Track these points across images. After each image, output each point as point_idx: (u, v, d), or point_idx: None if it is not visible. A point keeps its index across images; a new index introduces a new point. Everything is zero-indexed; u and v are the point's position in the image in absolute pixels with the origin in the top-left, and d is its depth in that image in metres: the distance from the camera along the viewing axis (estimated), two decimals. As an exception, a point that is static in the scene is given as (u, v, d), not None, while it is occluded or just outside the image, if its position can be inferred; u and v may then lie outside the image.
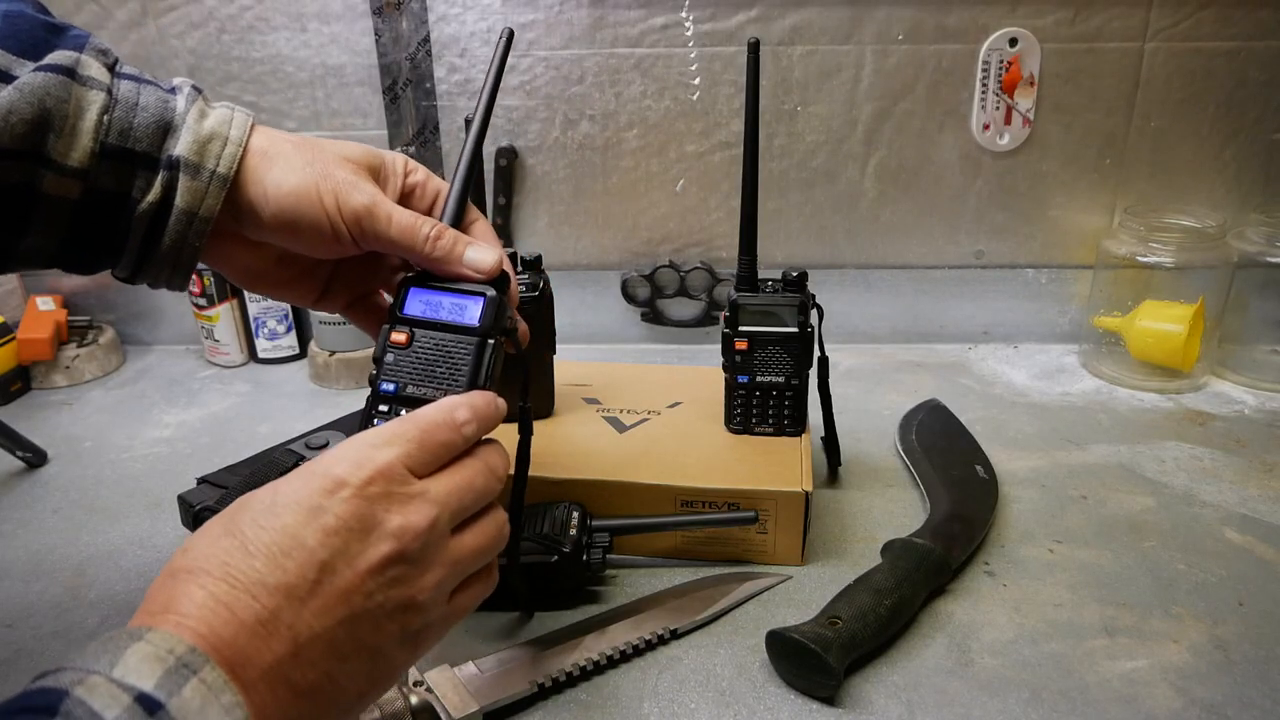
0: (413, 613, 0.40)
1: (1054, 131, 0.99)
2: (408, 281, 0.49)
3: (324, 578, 0.37)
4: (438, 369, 0.46)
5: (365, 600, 0.38)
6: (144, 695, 0.30)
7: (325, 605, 0.36)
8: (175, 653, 0.32)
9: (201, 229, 0.47)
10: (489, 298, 0.47)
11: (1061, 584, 0.64)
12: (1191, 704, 0.53)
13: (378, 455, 0.39)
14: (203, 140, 0.46)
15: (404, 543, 0.39)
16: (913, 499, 0.75)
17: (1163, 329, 0.93)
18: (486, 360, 0.46)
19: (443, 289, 0.48)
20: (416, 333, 0.47)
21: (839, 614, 0.55)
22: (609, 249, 1.06)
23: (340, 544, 0.37)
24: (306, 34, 0.98)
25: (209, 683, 0.32)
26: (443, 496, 0.41)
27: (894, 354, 1.05)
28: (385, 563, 0.38)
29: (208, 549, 0.36)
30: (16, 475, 0.82)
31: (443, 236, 0.48)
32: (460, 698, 0.50)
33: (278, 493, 0.38)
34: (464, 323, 0.47)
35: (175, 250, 0.47)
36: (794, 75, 0.98)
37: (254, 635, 0.35)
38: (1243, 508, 0.73)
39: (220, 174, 0.46)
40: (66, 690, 0.30)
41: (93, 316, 1.06)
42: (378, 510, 0.38)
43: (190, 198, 0.46)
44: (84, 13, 0.97)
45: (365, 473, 0.39)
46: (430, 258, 0.48)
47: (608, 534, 0.62)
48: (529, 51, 0.98)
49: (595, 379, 0.82)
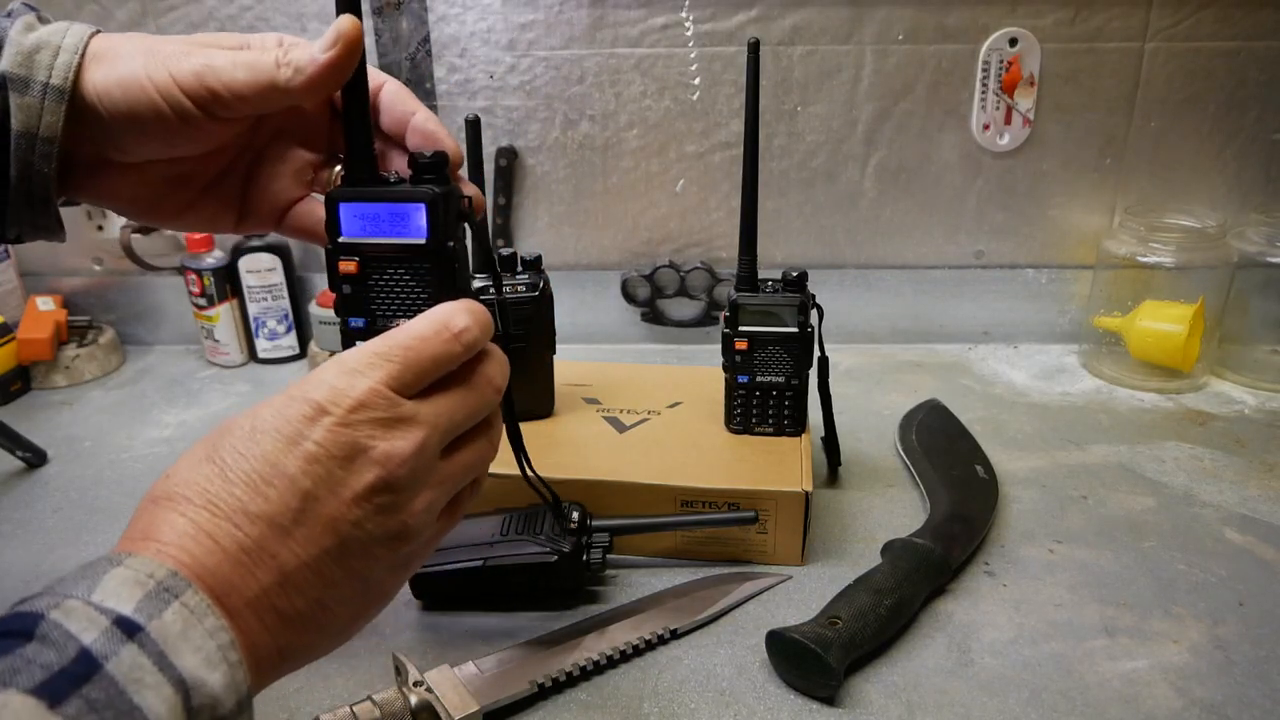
0: (403, 539, 0.38)
1: (1054, 131, 0.99)
2: (334, 198, 0.43)
3: (308, 506, 0.35)
4: (400, 293, 0.42)
5: (353, 529, 0.36)
6: (123, 618, 0.30)
7: (311, 534, 0.35)
8: (155, 577, 0.31)
9: (46, 151, 0.42)
10: (429, 200, 0.42)
11: (1061, 584, 0.64)
12: (1191, 704, 0.53)
13: (360, 380, 0.37)
14: (28, 51, 0.41)
15: (390, 469, 0.37)
16: (913, 499, 0.75)
17: (1163, 329, 0.93)
18: (447, 272, 0.42)
19: (376, 198, 0.42)
20: (365, 258, 0.42)
21: (839, 614, 0.55)
22: (609, 249, 1.06)
23: (323, 472, 0.36)
24: (307, 34, 0.97)
25: (191, 607, 0.31)
26: (432, 418, 0.39)
27: (894, 354, 1.05)
28: (371, 490, 0.37)
29: (188, 475, 0.35)
30: (16, 475, 0.82)
31: (290, 49, 0.41)
32: (460, 698, 0.50)
33: (258, 418, 0.36)
34: (412, 238, 0.42)
35: (25, 183, 0.42)
36: (794, 75, 0.98)
37: (238, 564, 0.34)
38: (1243, 508, 0.73)
39: (54, 86, 0.41)
40: (42, 614, 0.29)
41: (93, 316, 1.07)
42: (361, 437, 0.36)
43: (24, 117, 0.41)
44: (84, 13, 0.97)
45: (347, 399, 0.37)
46: (290, 81, 0.41)
47: (608, 534, 0.62)
48: (529, 51, 0.98)
49: (595, 379, 0.82)
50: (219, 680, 0.31)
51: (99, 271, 1.08)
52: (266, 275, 1.02)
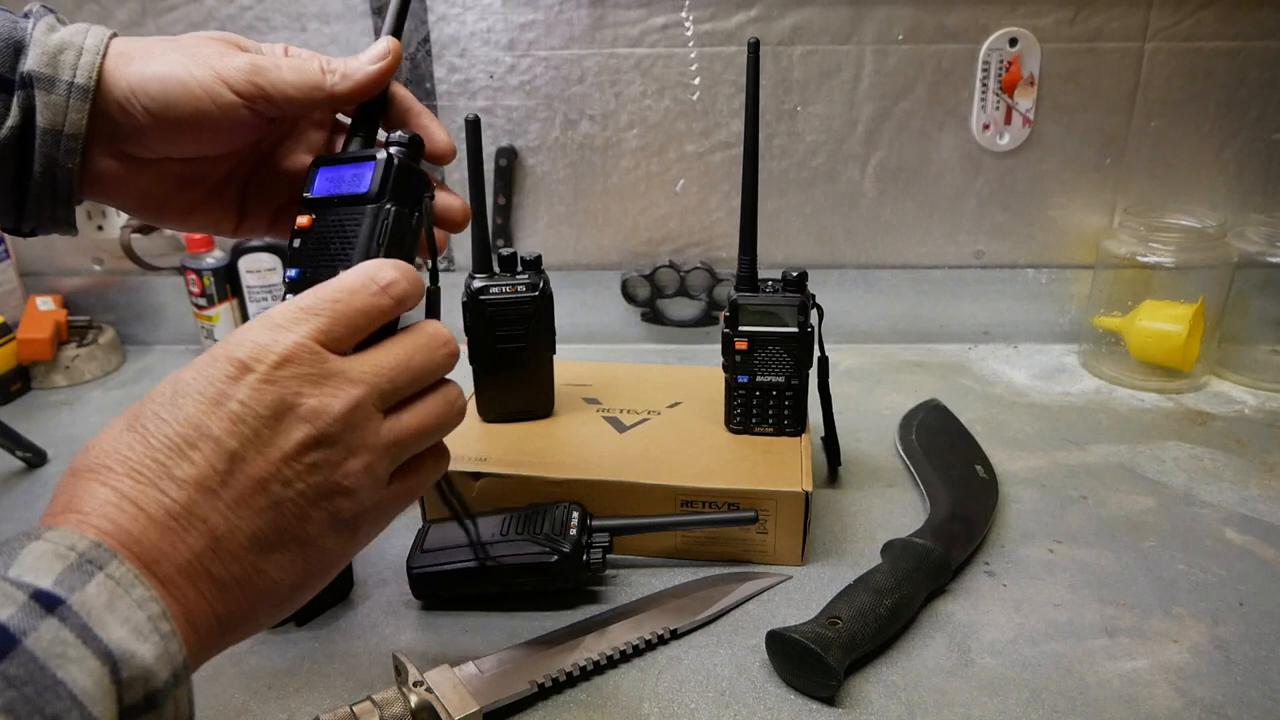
0: (340, 498, 0.37)
1: (1054, 131, 0.99)
2: (317, 161, 0.45)
3: (235, 467, 0.35)
4: (332, 246, 0.43)
5: (284, 488, 0.36)
6: (41, 592, 0.29)
7: (240, 496, 0.35)
8: (77, 549, 0.31)
9: (71, 148, 0.43)
10: (378, 160, 0.43)
11: (1061, 584, 0.64)
12: (1191, 704, 0.53)
13: (285, 336, 0.36)
14: (53, 51, 0.43)
15: (319, 426, 0.36)
16: (913, 499, 0.75)
17: (1163, 329, 0.93)
18: (377, 229, 0.42)
19: (343, 161, 0.44)
20: (319, 214, 0.44)
21: (839, 614, 0.55)
22: (609, 249, 1.06)
23: (249, 432, 0.35)
24: (306, 34, 0.98)
25: (117, 578, 0.30)
26: (369, 375, 0.38)
27: (894, 354, 1.05)
28: (300, 448, 0.36)
29: (109, 445, 0.35)
30: (16, 475, 0.82)
31: (333, 60, 0.45)
32: (460, 698, 0.50)
33: (179, 382, 0.36)
34: (357, 191, 0.43)
35: (48, 178, 0.44)
36: (794, 75, 0.98)
37: (165, 530, 0.33)
38: (1243, 508, 0.73)
39: (79, 85, 0.43)
40: None
41: (93, 316, 1.07)
42: (287, 393, 0.36)
43: (51, 114, 0.43)
44: (84, 12, 0.97)
45: (272, 355, 0.36)
46: (335, 85, 0.44)
47: (608, 534, 0.62)
48: (529, 51, 0.98)
49: (595, 379, 0.82)
50: (150, 651, 0.30)
51: (99, 271, 1.08)
52: (266, 275, 1.02)
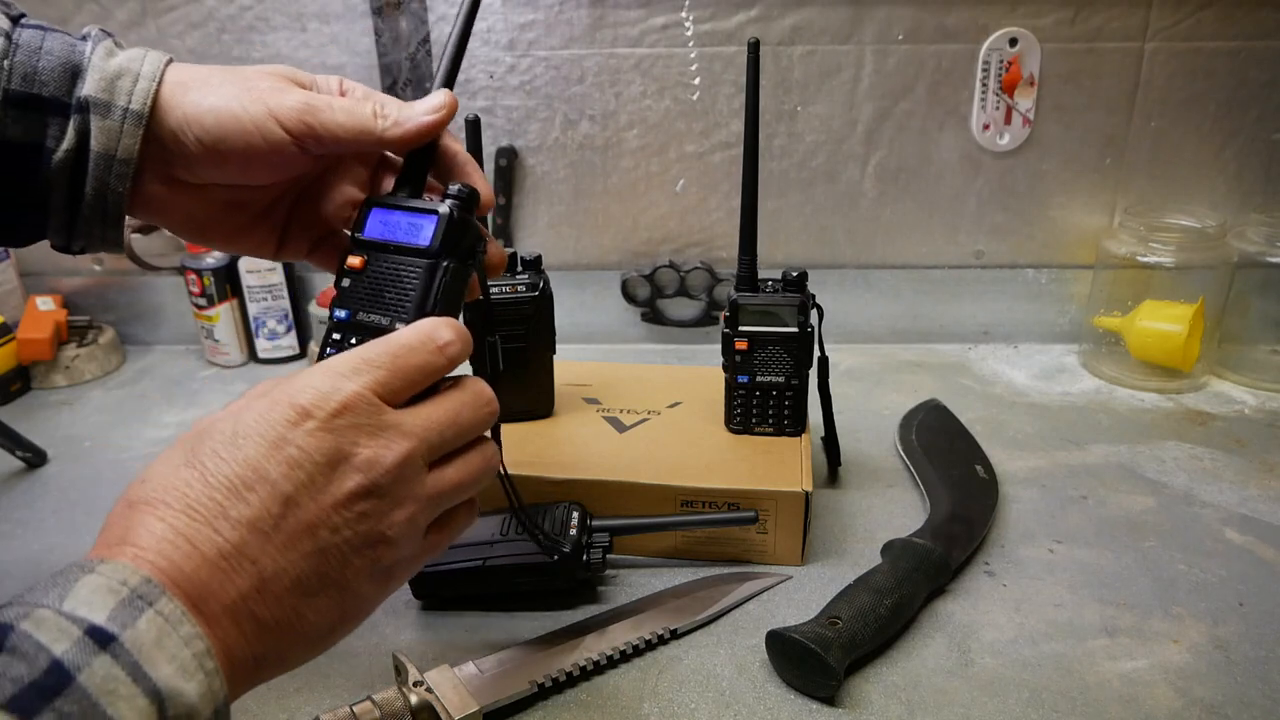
0: (383, 547, 0.38)
1: (1054, 131, 0.99)
2: (369, 202, 0.46)
3: (288, 511, 0.35)
4: (387, 294, 0.43)
5: (332, 535, 0.36)
6: (95, 628, 0.29)
7: (290, 539, 0.35)
8: (129, 584, 0.31)
9: (123, 172, 0.44)
10: (441, 215, 0.44)
11: (1061, 584, 0.64)
12: (1191, 704, 0.53)
13: (345, 384, 0.37)
14: (110, 77, 0.43)
15: (372, 477, 0.37)
16: (913, 499, 0.75)
17: (1163, 329, 0.93)
18: (436, 285, 0.43)
19: (401, 208, 0.45)
20: (372, 256, 0.44)
21: (839, 614, 0.55)
22: (609, 249, 1.06)
23: (304, 477, 0.36)
24: (306, 34, 0.98)
25: (166, 614, 0.31)
26: (419, 430, 0.39)
27: (894, 354, 1.05)
28: (352, 497, 0.36)
29: (167, 479, 0.35)
30: (16, 475, 0.82)
31: (388, 104, 0.45)
32: (460, 698, 0.50)
33: (239, 422, 0.36)
34: (416, 243, 0.44)
35: (99, 200, 0.45)
36: (794, 75, 0.98)
37: (216, 569, 0.33)
38: (1243, 508, 0.73)
39: (134, 111, 0.43)
40: (11, 624, 0.29)
41: (93, 316, 1.07)
42: (344, 443, 0.36)
43: (105, 139, 0.43)
44: (84, 13, 0.97)
45: (332, 404, 0.37)
46: (386, 130, 0.45)
47: (608, 534, 0.62)
48: (529, 51, 0.98)
49: (595, 379, 0.82)
50: (195, 690, 0.31)
51: (99, 271, 1.08)
52: (266, 275, 1.02)
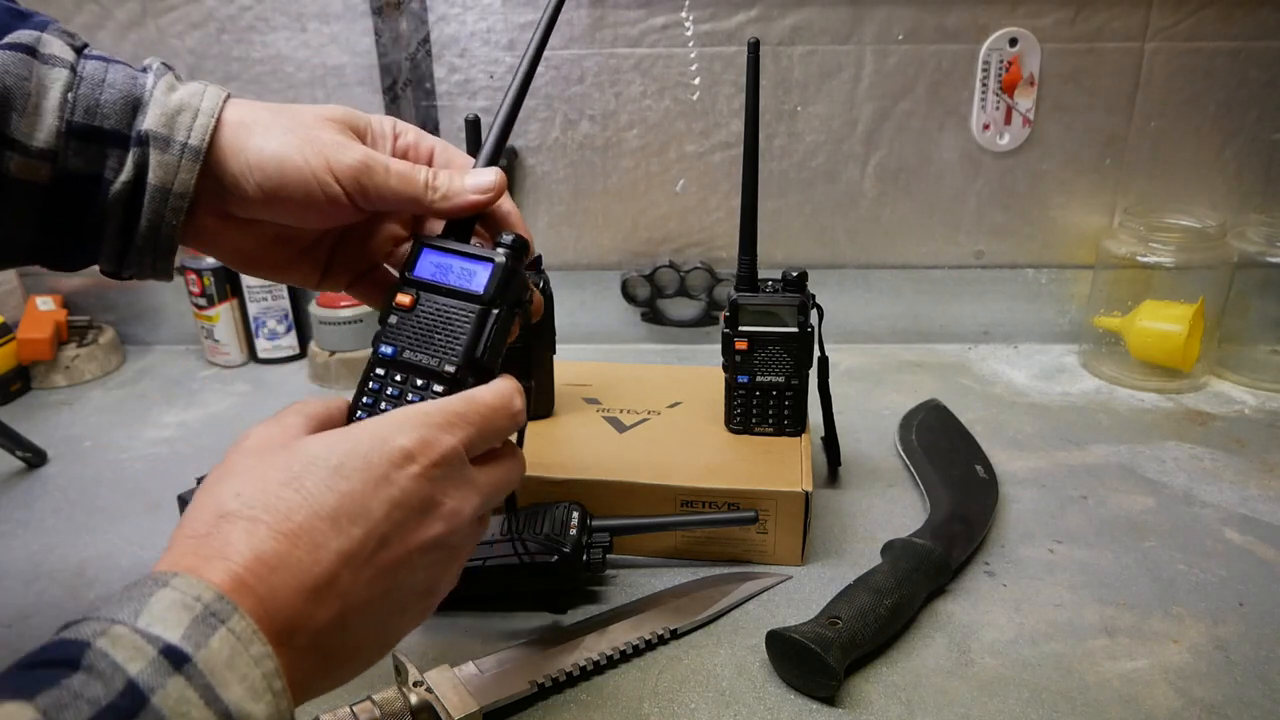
0: (435, 593, 0.41)
1: (1054, 131, 0.99)
2: (421, 241, 0.47)
3: (380, 549, 0.37)
4: (437, 336, 0.44)
5: (409, 575, 0.38)
6: (170, 647, 0.29)
7: (375, 575, 0.37)
8: (203, 600, 0.31)
9: (178, 205, 0.45)
10: (497, 264, 0.45)
11: (1061, 584, 0.64)
12: (1191, 704, 0.53)
13: (445, 437, 0.39)
14: (171, 112, 0.44)
15: (452, 526, 0.39)
16: (913, 499, 0.75)
17: (1163, 329, 0.93)
18: (487, 331, 0.44)
19: (455, 252, 0.46)
20: (422, 296, 0.45)
21: (839, 614, 0.55)
22: (609, 249, 1.06)
23: (401, 518, 0.37)
24: (306, 34, 0.98)
25: (238, 633, 0.31)
26: (486, 489, 0.42)
27: (894, 354, 1.05)
28: (432, 543, 0.39)
29: (266, 497, 0.35)
30: (16, 475, 0.82)
31: (439, 175, 0.46)
32: (460, 698, 0.50)
33: (343, 453, 0.37)
34: (469, 289, 0.45)
35: (153, 232, 0.45)
36: (794, 75, 0.98)
37: (307, 599, 0.34)
38: (1243, 508, 0.73)
39: (192, 146, 0.44)
40: (89, 642, 0.29)
41: (93, 316, 1.07)
42: (437, 491, 0.39)
43: (162, 173, 0.44)
44: (84, 13, 0.97)
45: (433, 454, 0.39)
46: (434, 201, 0.46)
47: (608, 534, 0.62)
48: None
49: (595, 379, 0.82)
50: (263, 711, 0.31)
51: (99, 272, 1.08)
52: (266, 275, 1.01)
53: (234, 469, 0.37)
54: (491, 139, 0.49)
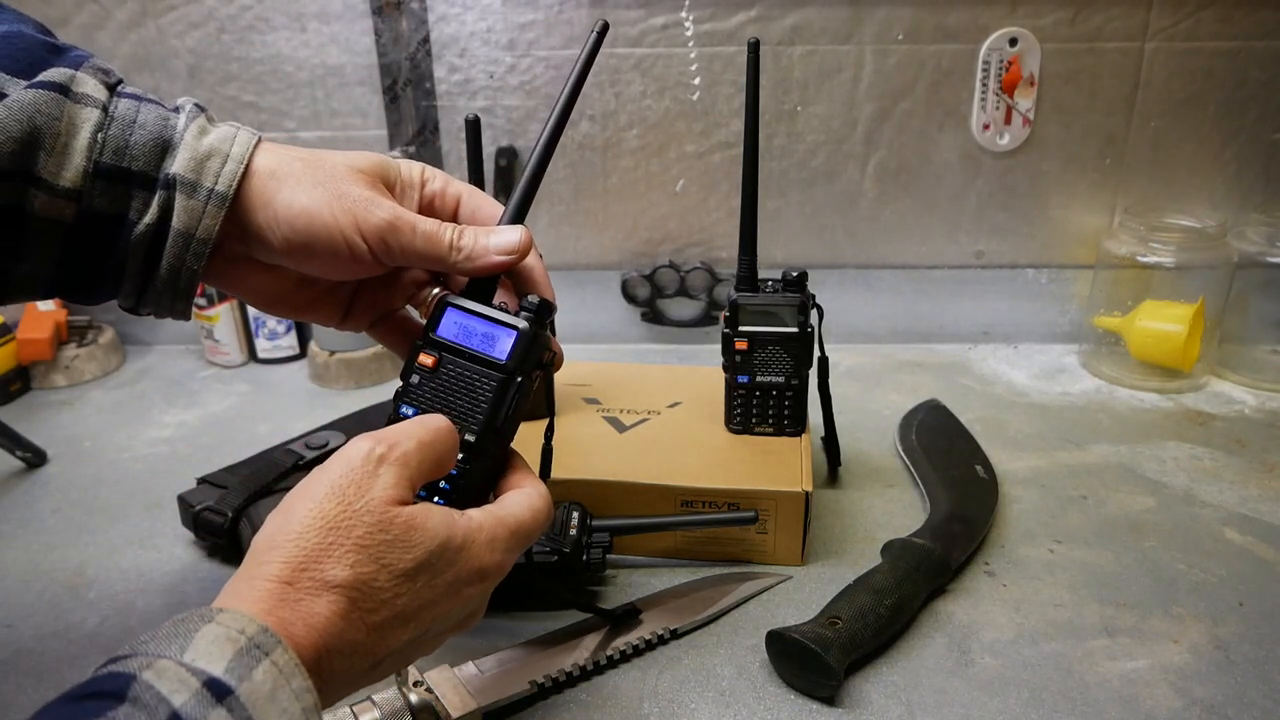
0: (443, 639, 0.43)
1: (1054, 131, 0.99)
2: (445, 302, 0.46)
3: (420, 640, 0.40)
4: (457, 400, 0.45)
5: (430, 626, 0.40)
6: (213, 680, 0.30)
7: (405, 658, 0.40)
8: (247, 633, 0.32)
9: (200, 251, 0.44)
10: (521, 331, 0.45)
11: (1061, 584, 0.64)
12: (1191, 704, 0.53)
13: (509, 560, 0.43)
14: (200, 157, 0.44)
15: (473, 594, 0.42)
16: (913, 499, 0.75)
17: (1163, 329, 0.93)
18: (508, 401, 0.45)
19: (479, 315, 0.46)
20: (444, 357, 0.45)
21: (839, 614, 0.55)
22: (609, 249, 1.06)
23: (450, 619, 0.41)
24: (306, 34, 0.98)
25: (280, 666, 0.32)
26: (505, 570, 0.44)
27: (894, 354, 1.05)
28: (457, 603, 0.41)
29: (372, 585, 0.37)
30: (16, 475, 0.82)
31: (464, 235, 0.46)
32: (460, 698, 0.50)
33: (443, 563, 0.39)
34: (492, 356, 0.45)
35: (173, 275, 0.45)
36: (794, 75, 0.98)
37: (353, 673, 0.37)
38: (1243, 508, 0.73)
39: (219, 193, 0.44)
40: (135, 674, 0.29)
41: (93, 316, 1.06)
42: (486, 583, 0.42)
43: (187, 218, 0.44)
44: (84, 13, 0.97)
45: (499, 576, 0.43)
46: (458, 263, 0.46)
47: (608, 534, 0.62)
48: (529, 51, 0.98)
49: (595, 379, 0.82)
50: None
51: (99, 271, 1.08)
52: (266, 275, 1.02)
53: (357, 530, 0.37)
54: (518, 194, 0.48)
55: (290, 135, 1.01)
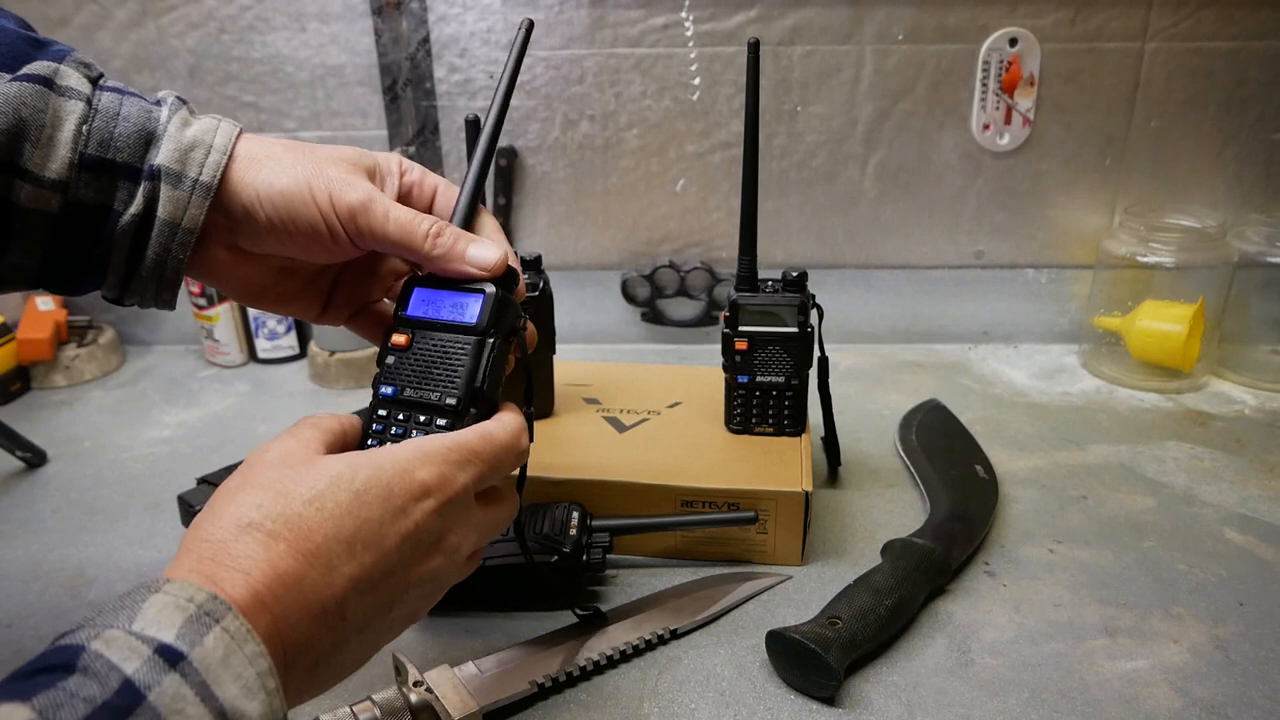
0: (415, 619, 0.42)
1: (1054, 131, 0.99)
2: (412, 282, 0.47)
3: (385, 579, 0.38)
4: (435, 370, 0.45)
5: (402, 603, 0.40)
6: (164, 646, 0.30)
7: (376, 602, 0.38)
8: (195, 600, 0.31)
9: (185, 241, 0.45)
10: (488, 294, 0.46)
11: (1061, 584, 0.64)
12: (1191, 704, 0.53)
13: (460, 475, 0.41)
14: (185, 148, 0.45)
15: (449, 561, 0.41)
16: (913, 499, 0.75)
17: (1163, 329, 0.93)
18: (484, 360, 0.45)
19: (446, 288, 0.47)
20: (417, 334, 0.46)
21: (839, 614, 0.56)
22: (609, 249, 1.06)
23: (409, 550, 0.39)
24: (306, 34, 0.98)
25: (232, 632, 0.31)
26: (484, 528, 0.44)
27: (894, 354, 1.05)
28: (429, 575, 0.40)
29: (290, 515, 0.36)
30: (16, 475, 0.82)
31: (443, 233, 0.46)
32: (460, 698, 0.50)
33: (365, 478, 0.38)
34: (462, 321, 0.46)
35: (159, 265, 0.46)
36: (794, 75, 0.98)
37: (315, 621, 0.35)
38: (1243, 508, 0.73)
39: (203, 183, 0.44)
40: (83, 645, 0.29)
41: (93, 316, 1.07)
42: (444, 528, 0.40)
43: (172, 208, 0.44)
44: (84, 13, 0.97)
45: (449, 491, 0.40)
46: (431, 256, 0.46)
47: (608, 534, 0.62)
48: (529, 51, 0.98)
49: (595, 379, 0.82)
50: (256, 710, 0.31)
51: (99, 271, 1.08)
52: (266, 275, 1.02)
53: (255, 479, 0.38)
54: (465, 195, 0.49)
55: (290, 135, 1.01)
